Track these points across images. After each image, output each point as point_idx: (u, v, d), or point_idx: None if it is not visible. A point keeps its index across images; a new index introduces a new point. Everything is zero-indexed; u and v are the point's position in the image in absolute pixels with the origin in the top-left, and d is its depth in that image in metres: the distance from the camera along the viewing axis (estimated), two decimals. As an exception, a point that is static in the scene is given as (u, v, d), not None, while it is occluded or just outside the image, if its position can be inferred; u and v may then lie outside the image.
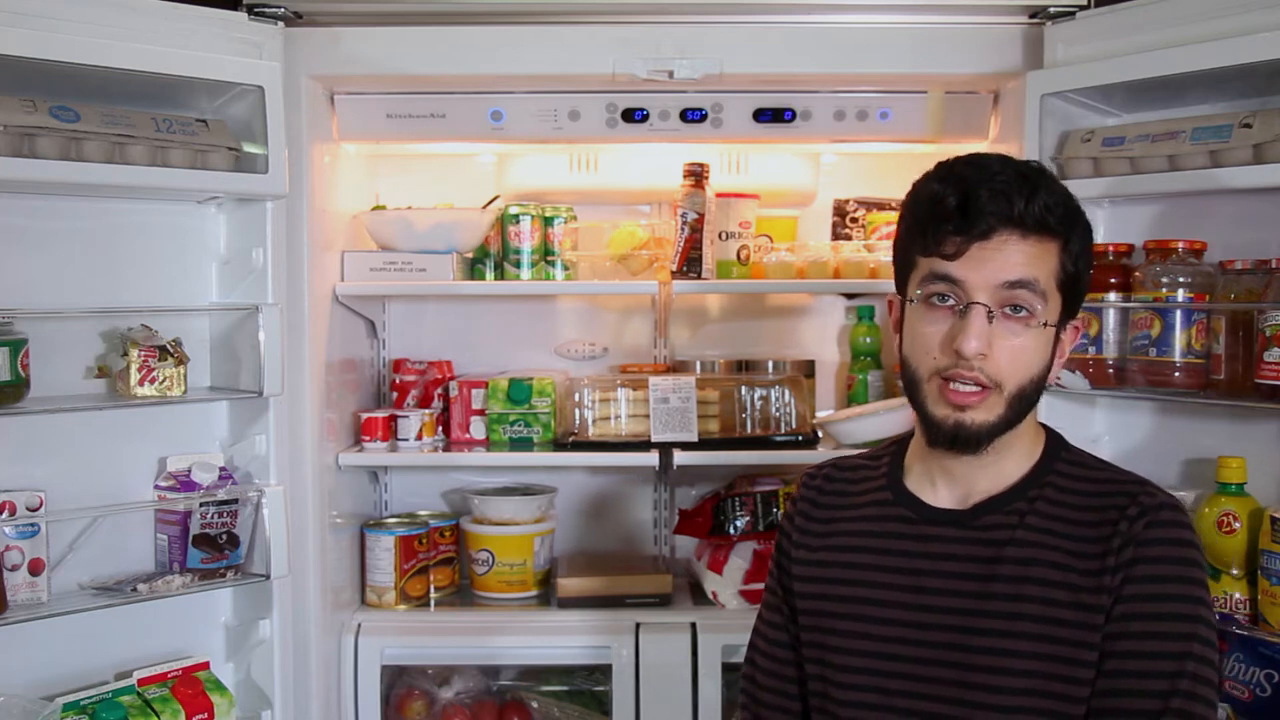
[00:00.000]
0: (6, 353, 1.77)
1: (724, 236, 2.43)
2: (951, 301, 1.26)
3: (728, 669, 2.27)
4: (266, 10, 2.01)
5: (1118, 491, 1.28)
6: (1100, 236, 1.93)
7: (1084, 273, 1.30)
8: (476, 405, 2.47)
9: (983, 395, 1.25)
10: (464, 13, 2.11)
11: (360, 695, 2.27)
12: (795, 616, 1.43)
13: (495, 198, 2.51)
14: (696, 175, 2.39)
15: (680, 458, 2.32)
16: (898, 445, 1.45)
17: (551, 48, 2.12)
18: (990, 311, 1.24)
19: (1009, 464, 1.32)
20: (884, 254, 2.42)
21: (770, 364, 2.60)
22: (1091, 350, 1.94)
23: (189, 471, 2.00)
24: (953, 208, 1.24)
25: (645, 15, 2.12)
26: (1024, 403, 1.28)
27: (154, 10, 1.87)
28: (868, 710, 1.33)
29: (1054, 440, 1.36)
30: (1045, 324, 1.26)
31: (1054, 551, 1.26)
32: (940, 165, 1.31)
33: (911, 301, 1.30)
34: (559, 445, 2.43)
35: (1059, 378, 1.34)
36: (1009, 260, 1.23)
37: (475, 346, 2.69)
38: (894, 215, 2.51)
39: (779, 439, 2.41)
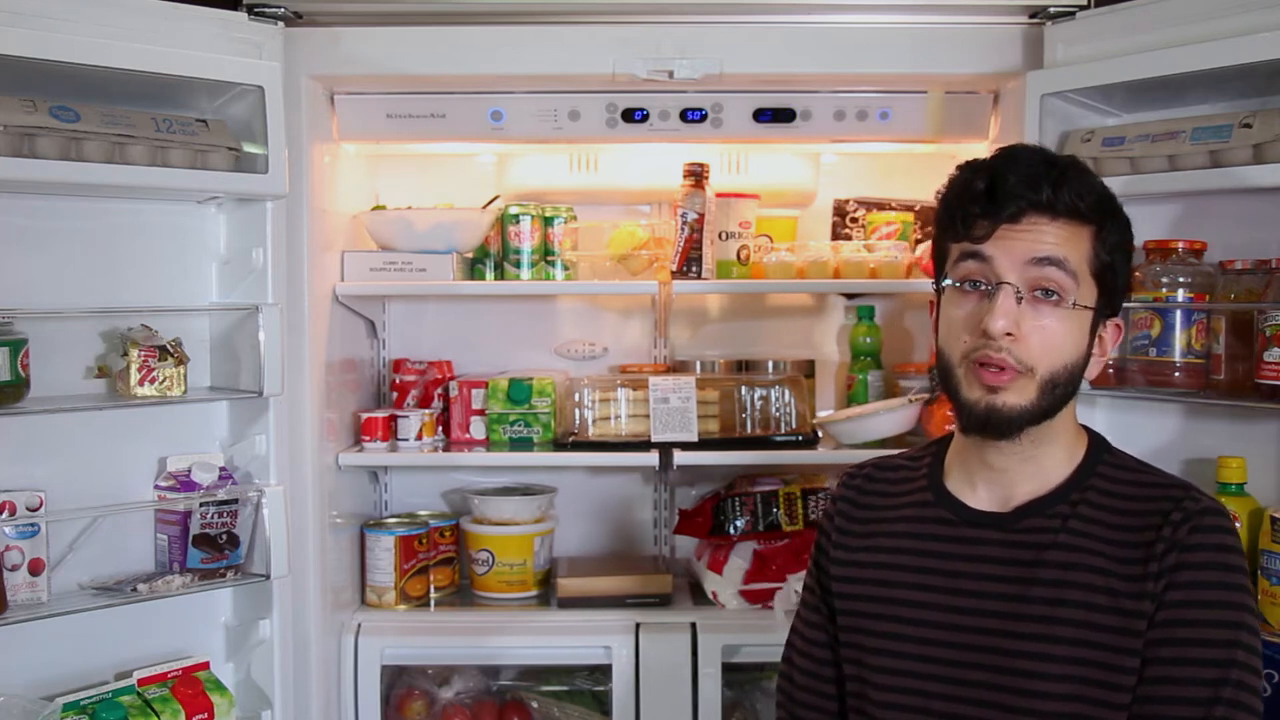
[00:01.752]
0: (6, 353, 1.77)
1: (724, 236, 2.43)
2: (982, 285, 1.26)
3: (728, 669, 2.27)
4: (266, 10, 2.01)
5: (1162, 496, 1.27)
6: (1100, 236, 1.93)
7: (1121, 265, 1.30)
8: (476, 405, 2.47)
9: (1014, 377, 1.24)
10: (464, 13, 2.11)
11: (360, 695, 2.27)
12: (834, 616, 1.43)
13: (495, 198, 2.51)
14: (696, 175, 2.39)
15: (680, 458, 2.32)
16: (938, 445, 1.44)
17: (551, 48, 2.12)
18: (1019, 293, 1.24)
19: (1050, 464, 1.31)
20: (884, 254, 2.42)
21: (770, 364, 2.60)
22: (1091, 350, 1.94)
23: (189, 471, 2.00)
24: (981, 192, 1.26)
25: (645, 15, 2.12)
26: (1058, 391, 1.26)
27: (154, 10, 1.87)
28: (905, 712, 1.33)
29: (1097, 442, 1.35)
30: (1077, 305, 1.25)
31: (1096, 556, 1.25)
32: (977, 159, 1.32)
33: (943, 289, 1.31)
34: (559, 445, 2.43)
35: (1094, 374, 1.33)
36: (1039, 239, 1.24)
37: (475, 346, 2.69)
38: (894, 215, 2.52)
39: (779, 439, 2.41)
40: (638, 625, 2.28)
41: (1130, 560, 1.24)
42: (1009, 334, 1.23)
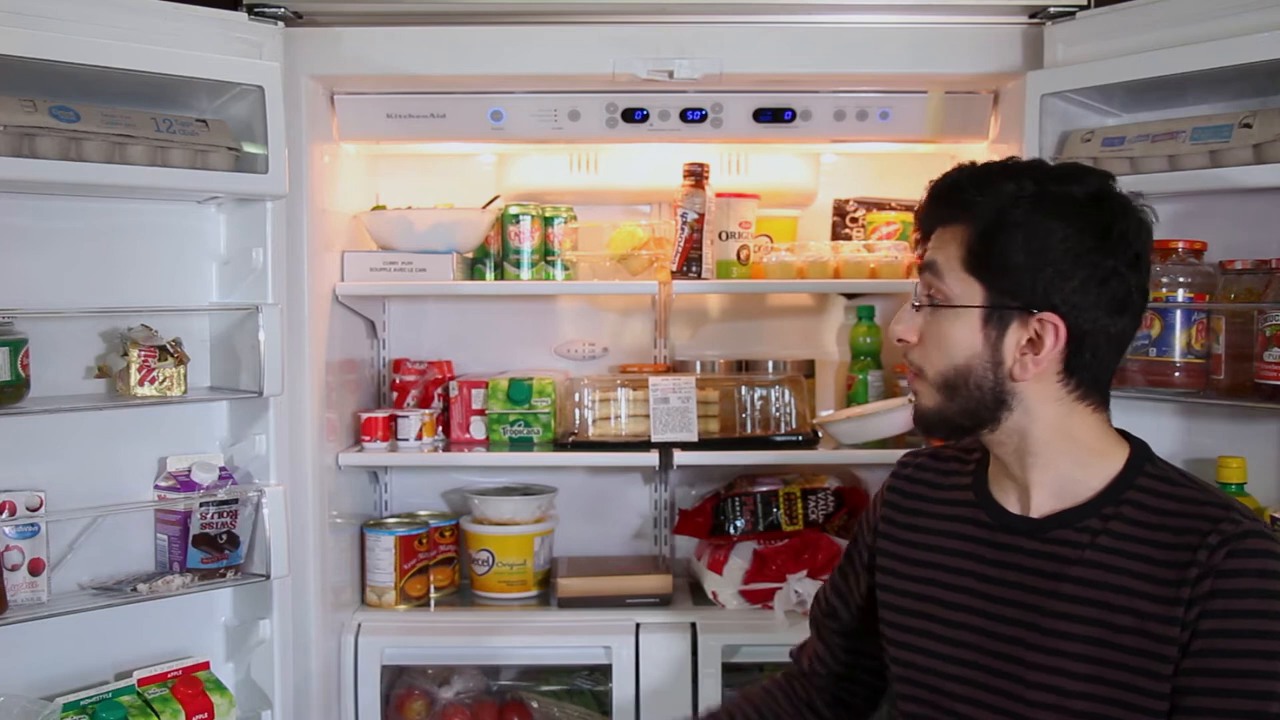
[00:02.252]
0: (6, 353, 1.77)
1: (724, 236, 2.43)
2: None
3: (728, 669, 2.27)
4: (266, 10, 2.01)
5: (1200, 515, 1.22)
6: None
7: (1012, 253, 1.24)
8: (476, 405, 2.47)
9: (914, 379, 1.34)
10: (464, 13, 2.11)
11: (360, 695, 2.27)
12: (867, 582, 1.50)
13: (495, 198, 2.51)
14: (696, 175, 2.39)
15: (680, 458, 2.32)
16: None
17: (551, 48, 2.12)
18: (915, 302, 1.32)
19: (1071, 475, 1.29)
20: (884, 254, 2.42)
21: (770, 364, 2.60)
22: (1091, 350, 1.94)
23: (189, 471, 2.00)
24: (917, 216, 1.37)
25: (645, 15, 2.12)
26: (961, 393, 1.28)
27: (154, 10, 1.87)
28: (929, 708, 1.34)
29: (1138, 452, 1.31)
30: (941, 304, 1.28)
31: (1123, 575, 1.22)
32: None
33: None
34: (559, 445, 2.43)
35: (1025, 376, 1.27)
36: (927, 251, 1.33)
37: (475, 346, 2.69)
38: (894, 215, 2.53)
39: (779, 439, 2.41)
40: (638, 625, 2.28)
41: (1161, 581, 1.20)
42: (902, 340, 1.32)
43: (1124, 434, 1.34)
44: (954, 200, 1.29)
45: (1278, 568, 1.18)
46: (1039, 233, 1.24)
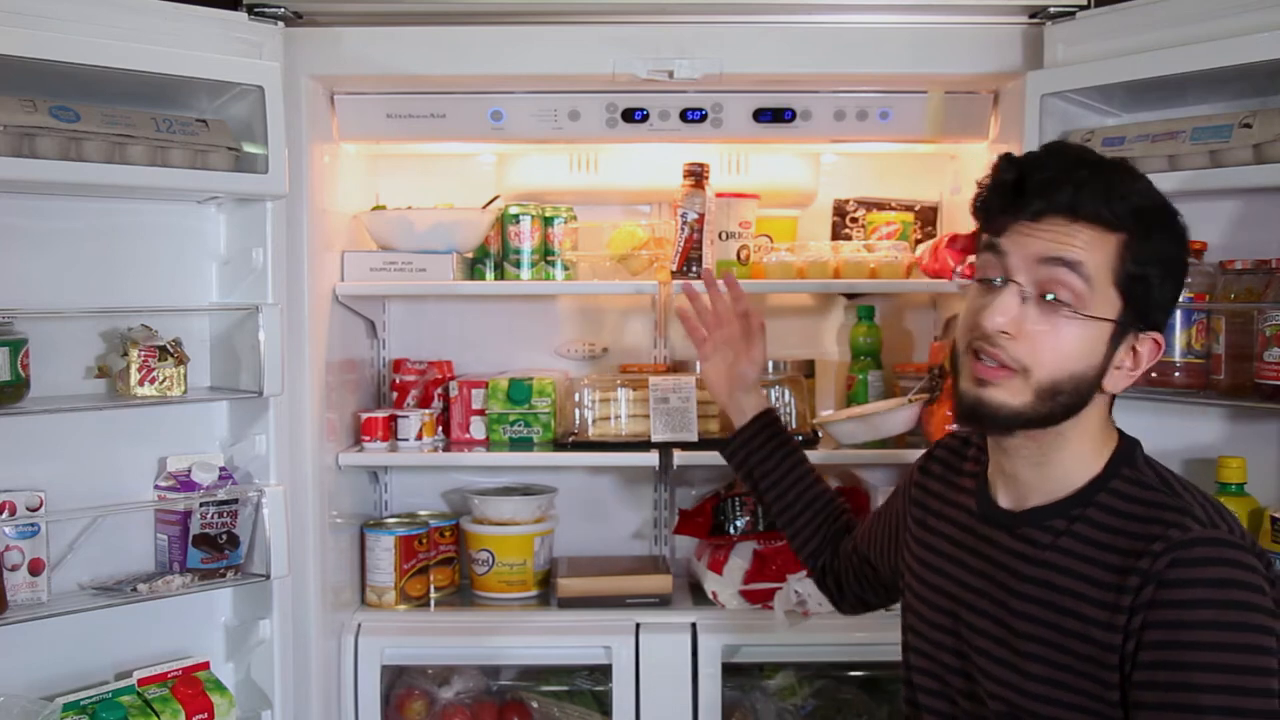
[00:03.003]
0: (6, 353, 1.77)
1: (724, 236, 2.43)
2: (997, 281, 1.23)
3: (728, 669, 2.27)
4: (266, 10, 2.01)
5: (1154, 519, 1.18)
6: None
7: (1156, 278, 1.21)
8: (476, 405, 2.47)
9: (1007, 375, 1.21)
10: (464, 13, 2.11)
11: (360, 695, 2.27)
12: (890, 525, 1.54)
13: (495, 198, 2.51)
14: (696, 175, 2.39)
15: (680, 458, 2.32)
16: None
17: (551, 48, 2.12)
18: (1025, 293, 1.21)
19: (1062, 473, 1.27)
20: (884, 254, 2.42)
21: (770, 364, 2.60)
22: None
23: (189, 471, 2.00)
24: (1008, 184, 1.23)
25: (645, 15, 2.12)
26: (1060, 399, 1.21)
27: (154, 10, 1.87)
28: (928, 695, 1.37)
29: (1121, 454, 1.28)
30: (1089, 316, 1.19)
31: (1074, 579, 1.21)
32: (1013, 153, 1.30)
33: (969, 282, 1.31)
34: (559, 445, 2.43)
35: (1118, 388, 1.27)
36: (1056, 240, 1.20)
37: (475, 346, 2.69)
38: (894, 215, 2.53)
39: (779, 439, 2.40)
40: (638, 625, 2.28)
41: (1106, 586, 1.17)
42: (1005, 333, 1.21)
43: (1119, 431, 1.33)
44: (1111, 205, 1.19)
45: (1238, 576, 1.13)
46: (1173, 252, 1.24)
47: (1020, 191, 1.22)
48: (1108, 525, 1.22)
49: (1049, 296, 1.20)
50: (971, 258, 2.06)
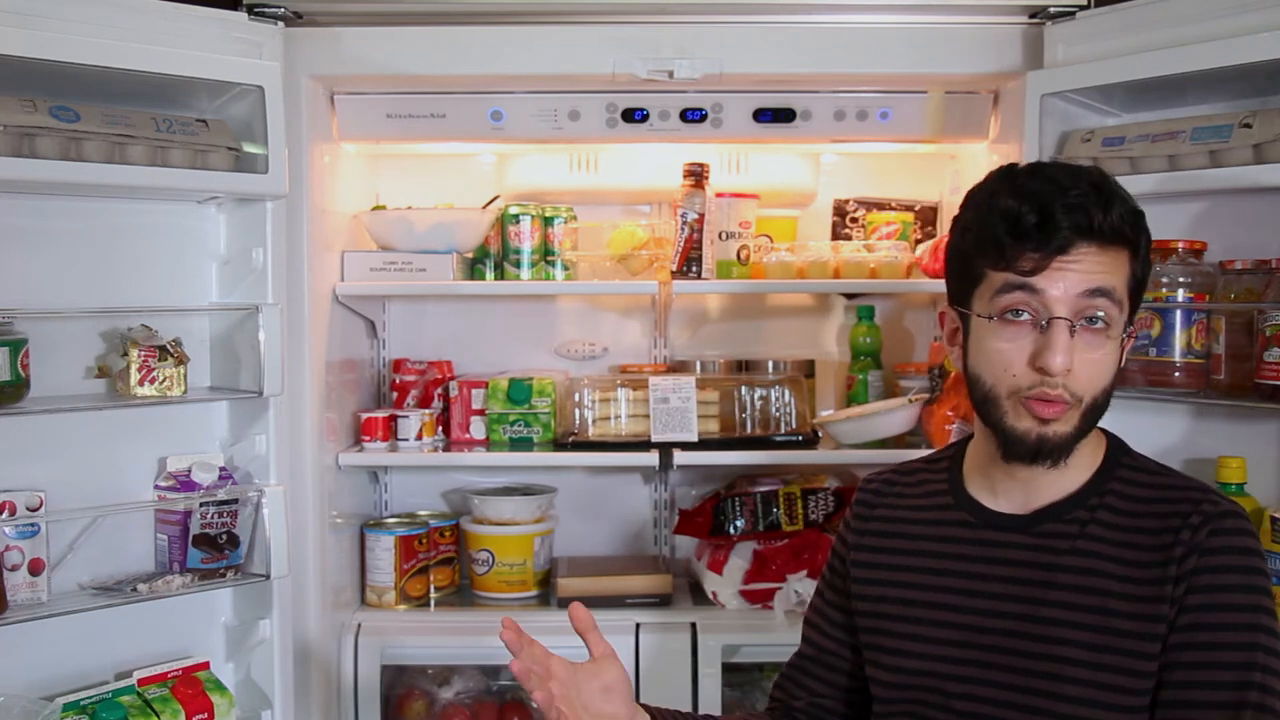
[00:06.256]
0: (6, 353, 1.77)
1: (724, 236, 2.43)
2: (1027, 316, 1.23)
3: (728, 669, 2.27)
4: (266, 10, 2.01)
5: (1181, 498, 1.27)
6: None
7: (1147, 276, 1.31)
8: (476, 405, 2.47)
9: (1066, 409, 1.24)
10: (464, 13, 2.11)
11: (360, 695, 2.27)
12: (850, 614, 1.46)
13: (495, 198, 2.51)
14: (696, 175, 2.39)
15: (680, 458, 2.32)
16: (955, 449, 1.44)
17: (551, 48, 2.12)
18: (1072, 325, 1.22)
19: (1071, 470, 1.31)
20: (884, 254, 2.42)
21: (770, 364, 2.60)
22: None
23: (189, 471, 2.00)
24: (1032, 225, 1.21)
25: (645, 15, 2.12)
26: (1096, 413, 1.27)
27: (154, 10, 1.87)
28: (927, 708, 1.34)
29: (1115, 446, 1.36)
30: (1118, 334, 1.25)
31: (1113, 562, 1.26)
32: (1005, 178, 1.28)
33: (981, 316, 1.27)
34: (559, 445, 2.43)
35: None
36: (1090, 271, 1.22)
37: (475, 346, 2.69)
38: (894, 215, 2.53)
39: (779, 439, 2.41)
40: (638, 625, 2.28)
41: (1149, 564, 1.24)
42: (1067, 369, 1.22)
43: (1100, 428, 1.36)
44: (1126, 221, 1.23)
45: (1254, 545, 1.25)
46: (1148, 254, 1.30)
47: (1043, 228, 1.21)
48: (1130, 510, 1.29)
49: (1087, 321, 1.23)
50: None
